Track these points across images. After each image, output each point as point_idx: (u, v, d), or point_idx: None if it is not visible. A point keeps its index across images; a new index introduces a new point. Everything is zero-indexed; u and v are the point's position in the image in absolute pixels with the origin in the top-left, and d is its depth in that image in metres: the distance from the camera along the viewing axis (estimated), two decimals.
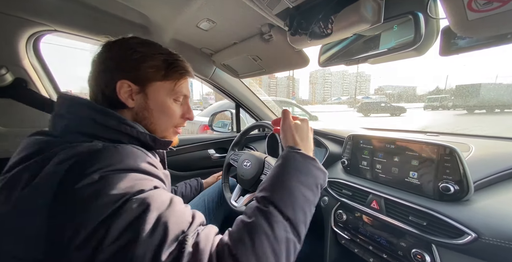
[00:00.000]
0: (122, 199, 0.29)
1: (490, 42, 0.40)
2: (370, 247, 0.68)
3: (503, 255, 0.44)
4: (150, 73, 0.44)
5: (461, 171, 0.51)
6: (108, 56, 0.43)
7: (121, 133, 0.40)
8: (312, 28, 0.54)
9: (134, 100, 0.44)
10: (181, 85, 0.48)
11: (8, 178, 0.32)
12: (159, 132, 0.48)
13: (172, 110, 0.48)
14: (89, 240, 0.27)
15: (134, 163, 0.35)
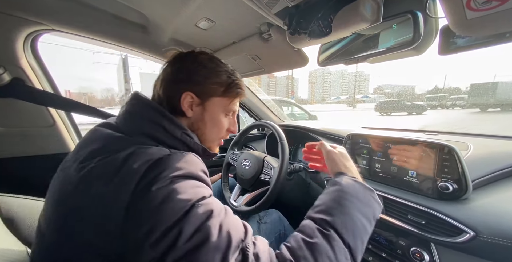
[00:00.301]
0: (189, 203, 0.32)
1: (488, 41, 0.40)
2: (369, 246, 0.68)
3: (501, 253, 0.44)
4: (212, 88, 0.48)
5: (459, 170, 0.52)
6: (179, 68, 0.47)
7: (180, 141, 0.43)
8: (311, 27, 0.54)
9: (193, 111, 0.47)
10: (235, 103, 0.53)
11: (89, 169, 0.34)
12: (206, 142, 0.51)
13: (222, 124, 0.52)
14: (162, 240, 0.29)
15: (196, 170, 0.37)
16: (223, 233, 0.31)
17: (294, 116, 4.32)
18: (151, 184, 0.31)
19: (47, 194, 0.40)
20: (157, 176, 0.32)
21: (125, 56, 10.16)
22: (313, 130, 1.09)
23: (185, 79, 0.46)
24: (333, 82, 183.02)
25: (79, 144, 0.42)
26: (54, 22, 0.73)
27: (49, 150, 0.93)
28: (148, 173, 0.32)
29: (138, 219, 0.30)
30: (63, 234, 0.33)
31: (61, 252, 0.33)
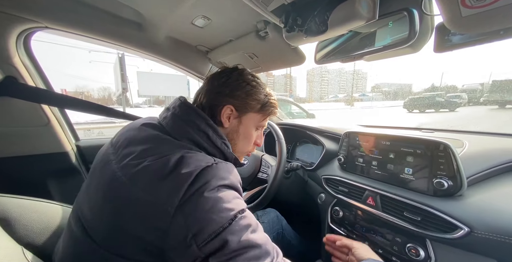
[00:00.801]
0: (233, 213, 0.34)
1: (483, 38, 0.40)
2: (366, 242, 0.69)
3: (495, 249, 0.44)
4: (251, 105, 0.52)
5: (454, 167, 0.52)
6: (224, 83, 0.50)
7: (219, 150, 0.46)
8: (307, 24, 0.53)
9: (230, 123, 0.51)
10: (266, 120, 0.57)
11: (144, 166, 0.36)
12: (236, 152, 0.54)
13: (253, 137, 0.56)
14: (210, 242, 0.31)
15: (236, 181, 0.40)
16: (260, 248, 0.34)
17: (292, 115, 4.32)
18: (202, 189, 0.34)
19: (86, 188, 0.43)
20: (206, 183, 0.34)
21: (121, 54, 10.05)
22: (311, 128, 1.09)
23: (228, 93, 0.50)
24: (331, 80, 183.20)
25: (120, 140, 0.44)
26: (47, 19, 0.72)
27: (44, 149, 0.92)
28: (198, 179, 0.34)
29: (188, 220, 0.32)
30: (115, 226, 0.35)
31: (109, 245, 0.35)
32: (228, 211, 0.34)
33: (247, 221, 0.36)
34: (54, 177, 0.96)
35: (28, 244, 0.45)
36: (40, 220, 0.50)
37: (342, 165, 0.81)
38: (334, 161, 0.89)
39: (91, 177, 0.44)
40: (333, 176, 0.82)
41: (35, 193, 0.58)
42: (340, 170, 0.83)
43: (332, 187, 0.82)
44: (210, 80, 0.52)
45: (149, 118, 0.51)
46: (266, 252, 0.35)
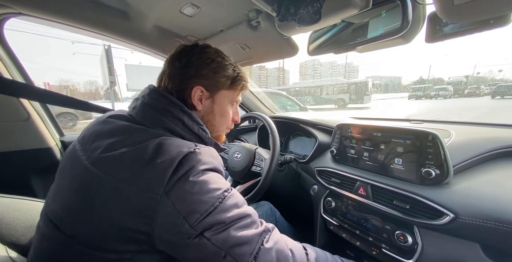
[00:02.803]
0: (221, 194, 0.36)
1: (473, 28, 0.40)
2: (357, 231, 0.71)
3: (478, 233, 0.47)
4: (221, 82, 0.50)
5: (442, 156, 0.54)
6: (187, 63, 0.47)
7: (196, 136, 0.45)
8: (300, 13, 0.52)
9: (203, 104, 0.49)
10: (240, 95, 0.56)
11: (116, 156, 0.36)
12: (216, 131, 0.55)
13: (229, 114, 0.56)
14: (203, 220, 0.33)
15: (219, 164, 0.41)
16: (248, 218, 0.37)
17: (285, 108, 4.32)
18: (187, 175, 0.34)
19: (57, 189, 0.41)
20: (191, 168, 0.35)
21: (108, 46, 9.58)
22: (304, 121, 1.09)
23: (194, 74, 0.47)
24: (323, 73, 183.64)
25: (86, 136, 0.42)
26: (21, 4, 0.66)
27: (25, 145, 0.87)
28: (181, 165, 0.34)
29: (177, 204, 0.33)
30: (98, 222, 0.34)
31: (86, 240, 0.35)
32: (216, 191, 0.36)
33: (235, 197, 0.38)
34: (38, 173, 0.92)
35: (12, 243, 0.43)
36: (24, 218, 0.48)
37: (335, 157, 0.82)
38: (326, 153, 0.90)
39: (60, 177, 0.42)
40: (326, 168, 0.83)
41: (18, 191, 0.55)
42: (332, 162, 0.84)
43: (324, 179, 0.83)
44: (171, 62, 0.49)
45: (118, 111, 0.48)
46: (254, 221, 0.38)
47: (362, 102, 14.26)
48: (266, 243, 0.37)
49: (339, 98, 15.61)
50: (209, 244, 0.33)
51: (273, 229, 0.41)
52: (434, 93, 19.31)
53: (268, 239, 0.38)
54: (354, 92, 15.04)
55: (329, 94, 16.76)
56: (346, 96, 15.21)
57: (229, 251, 0.34)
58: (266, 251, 0.36)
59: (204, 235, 0.33)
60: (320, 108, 15.21)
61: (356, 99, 14.66)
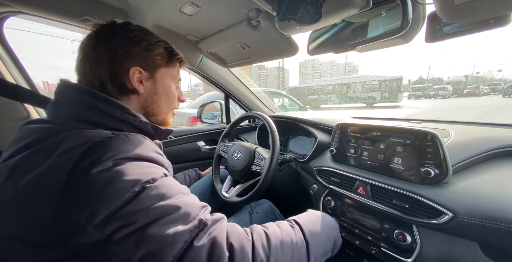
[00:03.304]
0: (138, 185, 0.31)
1: (473, 27, 0.40)
2: (356, 230, 0.72)
3: (476, 232, 0.47)
4: (158, 60, 0.48)
5: (441, 156, 0.54)
6: (113, 44, 0.43)
7: (123, 122, 0.41)
8: (300, 13, 0.52)
9: (144, 87, 0.47)
10: (179, 71, 0.55)
11: (14, 164, 0.33)
12: (163, 113, 0.53)
13: (174, 93, 0.54)
14: (109, 221, 0.29)
15: (145, 152, 0.37)
16: (176, 212, 0.32)
17: (285, 108, 4.33)
18: (90, 167, 0.30)
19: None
20: (98, 159, 0.31)
21: None
22: (304, 121, 1.09)
23: (125, 54, 0.44)
24: (323, 72, 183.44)
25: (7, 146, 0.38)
26: (21, 3, 0.66)
27: None
28: (85, 156, 0.31)
29: (77, 203, 0.29)
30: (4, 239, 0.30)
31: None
32: (130, 183, 0.31)
33: (162, 188, 0.33)
34: None
35: None
36: None
37: (334, 156, 0.82)
38: (326, 152, 0.90)
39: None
40: (325, 167, 0.83)
41: None
42: (332, 161, 0.84)
43: (324, 178, 0.84)
44: (87, 48, 0.44)
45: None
46: (185, 214, 0.33)
47: (396, 101, 13.40)
48: (196, 241, 0.31)
49: (369, 96, 14.59)
50: (117, 249, 0.29)
51: (214, 223, 0.35)
52: (434, 93, 19.35)
53: (202, 235, 0.32)
54: (387, 90, 14.06)
55: (356, 92, 15.47)
56: (377, 94, 14.16)
57: (144, 257, 0.29)
58: (195, 251, 0.31)
59: (111, 239, 0.28)
60: (346, 108, 14.39)
61: (389, 97, 13.71)
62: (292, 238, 0.42)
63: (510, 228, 0.42)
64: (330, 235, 0.53)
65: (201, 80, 1.30)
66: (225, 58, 1.03)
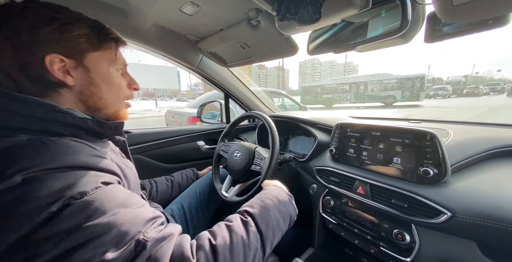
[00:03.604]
0: (56, 204, 0.26)
1: (472, 28, 0.40)
2: (356, 230, 0.72)
3: (474, 231, 0.47)
4: (81, 43, 0.39)
5: (440, 155, 0.54)
6: (13, 27, 0.34)
7: (52, 122, 0.35)
8: (300, 12, 0.52)
9: (74, 77, 0.39)
10: (119, 53, 0.46)
11: None
12: (111, 106, 0.45)
13: (118, 81, 0.45)
14: (17, 250, 0.24)
15: (72, 158, 0.30)
16: (107, 233, 0.27)
17: (285, 108, 4.33)
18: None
19: None
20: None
21: None
22: (303, 120, 1.09)
23: (33, 41, 0.35)
24: (323, 72, 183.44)
25: None
26: None
27: None
28: None
29: None
30: None
31: None
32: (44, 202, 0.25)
33: (90, 206, 0.27)
34: None
35: None
36: None
37: (334, 156, 0.83)
38: (326, 152, 0.90)
39: None
40: (325, 167, 0.84)
41: None
42: (331, 161, 0.84)
43: (323, 178, 0.84)
44: None
45: None
46: (116, 237, 0.27)
47: (418, 99, 12.69)
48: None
49: (389, 95, 13.72)
50: None
51: (157, 243, 0.29)
52: (433, 93, 19.32)
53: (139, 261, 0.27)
54: (408, 88, 13.29)
55: (375, 91, 14.48)
56: (397, 92, 13.30)
57: None
58: None
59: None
60: (363, 107, 13.61)
61: (410, 96, 12.95)
62: (244, 239, 0.38)
63: (508, 227, 0.42)
64: (285, 213, 0.51)
65: (201, 80, 1.30)
66: (225, 58, 1.03)
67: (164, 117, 4.42)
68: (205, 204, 0.91)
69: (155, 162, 1.16)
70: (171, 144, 1.22)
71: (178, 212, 0.83)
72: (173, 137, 1.22)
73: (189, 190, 0.94)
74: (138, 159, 1.10)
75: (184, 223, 0.82)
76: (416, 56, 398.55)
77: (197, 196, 0.91)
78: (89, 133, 0.40)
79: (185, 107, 4.20)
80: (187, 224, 0.82)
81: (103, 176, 0.32)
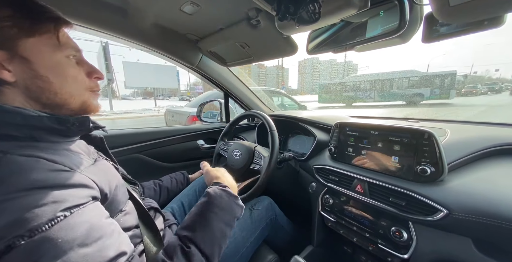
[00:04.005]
0: (4, 241, 0.22)
1: (468, 28, 0.41)
2: (354, 227, 0.73)
3: (470, 228, 0.48)
4: (7, 28, 0.32)
5: (437, 154, 0.55)
6: None
7: (0, 124, 0.30)
8: (299, 13, 0.52)
9: (13, 71, 0.33)
10: (66, 36, 0.38)
11: None
12: (72, 101, 0.38)
13: (69, 69, 0.38)
14: None
15: (23, 179, 0.26)
16: None
17: (284, 107, 4.34)
18: None
19: None
20: None
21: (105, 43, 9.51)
22: (303, 119, 1.10)
23: None
24: (322, 71, 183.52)
25: None
26: None
27: None
28: None
29: None
30: None
31: None
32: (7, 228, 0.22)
33: (42, 246, 0.23)
34: None
35: None
36: None
37: (333, 155, 0.83)
38: (325, 151, 0.91)
39: None
40: (324, 166, 0.84)
41: None
42: (330, 160, 0.85)
43: (323, 176, 0.85)
44: None
45: None
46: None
47: (447, 97, 12.02)
48: None
49: (416, 93, 12.78)
50: None
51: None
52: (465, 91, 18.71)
53: None
54: (437, 86, 12.54)
55: (401, 89, 13.48)
56: (425, 90, 12.45)
57: None
58: None
59: None
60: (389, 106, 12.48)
61: (440, 94, 12.22)
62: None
63: (502, 224, 0.43)
64: (230, 219, 0.48)
65: (200, 79, 1.31)
66: (225, 57, 1.03)
67: (164, 116, 4.43)
68: None
69: (154, 161, 1.17)
70: (170, 143, 1.22)
71: (179, 210, 0.84)
72: (172, 136, 1.23)
73: (189, 188, 0.94)
74: (138, 157, 1.10)
75: None
76: (415, 55, 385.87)
77: (196, 194, 0.92)
78: (51, 132, 0.35)
79: (185, 106, 4.20)
80: None
81: (65, 199, 0.27)
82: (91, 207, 0.31)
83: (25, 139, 0.32)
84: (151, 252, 0.46)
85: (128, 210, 0.47)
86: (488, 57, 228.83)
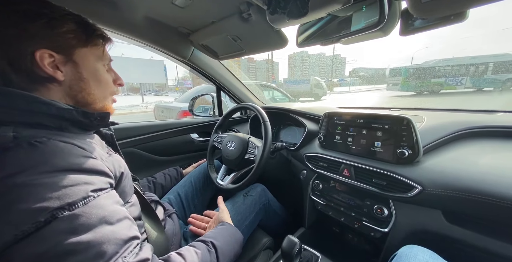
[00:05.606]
0: (42, 215, 0.25)
1: (438, 22, 0.46)
2: (342, 208, 0.79)
3: (439, 201, 0.55)
4: (70, 39, 0.40)
5: (414, 138, 0.61)
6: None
7: (36, 114, 0.34)
8: (289, 7, 0.55)
9: (64, 72, 0.39)
10: (107, 51, 0.48)
11: None
12: (99, 101, 0.46)
13: (106, 76, 0.47)
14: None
15: (63, 161, 0.30)
16: (86, 252, 0.26)
17: (275, 101, 4.38)
18: None
19: None
20: None
21: None
22: (294, 111, 1.15)
23: (22, 36, 0.35)
24: (311, 65, 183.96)
25: None
26: None
27: None
28: None
29: None
30: None
31: None
32: (28, 214, 0.25)
33: (76, 220, 0.27)
34: None
35: None
36: None
37: (322, 143, 0.89)
38: (315, 140, 0.96)
39: None
40: (314, 153, 0.90)
41: None
42: (320, 148, 0.90)
43: (313, 163, 0.90)
44: None
45: None
46: (95, 257, 0.27)
47: None
48: None
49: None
50: None
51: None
52: None
53: None
54: None
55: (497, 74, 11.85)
56: None
57: None
58: None
59: None
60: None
61: None
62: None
63: (467, 196, 0.50)
64: (236, 251, 0.58)
65: (192, 72, 1.31)
66: (217, 50, 1.04)
67: (153, 112, 4.34)
68: (200, 192, 0.95)
69: (149, 155, 1.18)
70: (164, 137, 1.23)
71: (175, 200, 0.87)
72: (166, 130, 1.24)
73: (184, 180, 0.97)
74: (133, 152, 1.11)
75: (181, 209, 0.86)
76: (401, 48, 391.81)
77: (192, 185, 0.95)
78: (75, 124, 0.39)
79: (174, 101, 4.14)
80: (184, 211, 0.87)
81: (93, 182, 0.32)
82: (112, 193, 0.36)
83: (54, 128, 0.36)
84: (153, 239, 0.52)
85: (133, 202, 0.51)
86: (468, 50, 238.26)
